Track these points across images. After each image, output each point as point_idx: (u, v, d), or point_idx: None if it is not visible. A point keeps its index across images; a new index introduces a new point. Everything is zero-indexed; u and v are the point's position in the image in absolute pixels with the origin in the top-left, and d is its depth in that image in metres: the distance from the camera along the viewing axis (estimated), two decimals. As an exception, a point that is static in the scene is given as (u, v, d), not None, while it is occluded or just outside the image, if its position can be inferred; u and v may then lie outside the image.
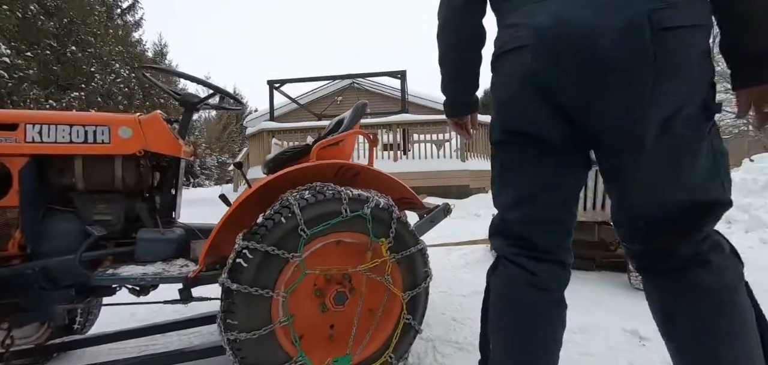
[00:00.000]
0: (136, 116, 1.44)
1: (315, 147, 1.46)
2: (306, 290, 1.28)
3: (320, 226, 1.18)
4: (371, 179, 1.54)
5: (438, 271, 2.78)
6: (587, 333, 1.70)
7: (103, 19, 12.82)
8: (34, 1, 10.48)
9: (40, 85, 10.62)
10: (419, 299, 1.38)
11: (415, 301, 1.37)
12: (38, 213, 1.33)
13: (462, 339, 1.69)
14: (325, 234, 1.21)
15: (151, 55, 20.72)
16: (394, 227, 1.28)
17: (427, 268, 1.40)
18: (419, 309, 1.39)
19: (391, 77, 9.63)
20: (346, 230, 1.24)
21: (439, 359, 1.55)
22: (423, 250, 1.38)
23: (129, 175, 1.45)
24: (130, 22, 18.14)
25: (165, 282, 1.30)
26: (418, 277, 1.37)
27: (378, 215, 1.26)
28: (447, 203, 1.83)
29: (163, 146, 1.47)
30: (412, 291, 1.35)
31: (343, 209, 1.20)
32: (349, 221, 1.22)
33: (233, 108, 1.99)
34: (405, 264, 1.34)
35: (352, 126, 1.64)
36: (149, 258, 1.38)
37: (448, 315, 1.95)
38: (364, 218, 1.23)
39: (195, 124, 29.15)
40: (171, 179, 1.65)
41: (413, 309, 1.37)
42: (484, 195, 6.98)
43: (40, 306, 1.29)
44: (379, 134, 8.38)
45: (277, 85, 9.67)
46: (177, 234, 1.47)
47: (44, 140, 1.30)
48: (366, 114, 11.97)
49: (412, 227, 1.69)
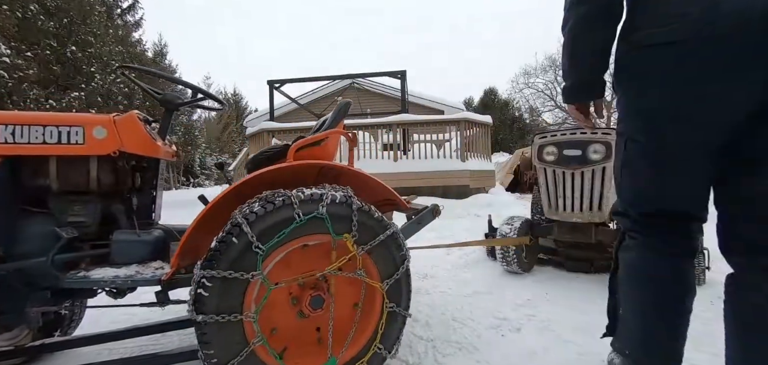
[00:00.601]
0: (111, 116, 1.41)
1: (291, 148, 1.43)
2: (282, 300, 1.26)
3: (274, 239, 1.13)
4: (352, 179, 1.50)
5: (438, 271, 2.79)
6: (587, 333, 1.70)
7: (103, 19, 12.82)
8: (34, 1, 10.47)
9: (40, 85, 10.61)
10: (400, 284, 1.34)
11: (395, 287, 1.33)
12: (12, 215, 1.31)
13: (462, 339, 1.69)
14: (284, 244, 1.16)
15: (151, 56, 20.70)
16: (356, 219, 1.23)
17: (402, 251, 1.35)
18: (403, 294, 1.36)
19: (391, 77, 9.62)
20: (307, 233, 1.19)
21: (439, 359, 1.55)
22: (394, 234, 1.33)
23: (104, 176, 1.43)
24: (130, 22, 18.14)
25: (137, 284, 1.28)
26: (395, 262, 1.33)
27: (336, 212, 1.21)
28: (436, 204, 1.81)
29: (139, 146, 1.44)
30: (389, 279, 1.31)
31: (295, 215, 1.15)
32: (306, 224, 1.17)
33: (215, 108, 1.97)
34: (377, 253, 1.29)
35: (335, 125, 1.61)
36: (125, 260, 1.36)
37: (448, 315, 1.95)
38: (322, 218, 1.18)
39: (195, 124, 29.13)
40: (150, 179, 1.63)
41: (395, 295, 1.34)
42: (484, 195, 6.97)
43: (16, 309, 1.28)
44: (378, 133, 8.38)
45: (277, 85, 9.67)
46: (154, 236, 1.44)
47: (17, 140, 1.28)
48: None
49: (400, 228, 1.63)
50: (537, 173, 2.54)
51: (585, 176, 2.31)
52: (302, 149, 1.46)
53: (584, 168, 2.30)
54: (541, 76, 28.54)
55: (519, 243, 2.55)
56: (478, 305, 2.08)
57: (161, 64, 23.15)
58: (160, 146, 1.54)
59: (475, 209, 6.02)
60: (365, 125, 7.89)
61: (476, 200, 6.62)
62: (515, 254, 2.55)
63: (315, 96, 14.93)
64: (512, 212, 5.38)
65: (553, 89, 28.34)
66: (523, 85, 29.11)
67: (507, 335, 1.75)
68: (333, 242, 1.23)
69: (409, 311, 1.39)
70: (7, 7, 9.53)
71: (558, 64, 27.32)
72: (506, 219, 2.75)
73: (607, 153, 2.24)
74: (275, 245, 1.14)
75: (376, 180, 1.52)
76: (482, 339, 1.69)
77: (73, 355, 1.61)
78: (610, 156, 2.20)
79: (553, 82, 28.19)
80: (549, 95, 28.61)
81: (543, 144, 2.48)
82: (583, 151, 2.30)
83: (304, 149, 1.46)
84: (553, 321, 1.84)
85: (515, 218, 2.72)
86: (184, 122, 25.76)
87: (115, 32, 13.67)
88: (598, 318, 1.86)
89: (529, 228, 2.67)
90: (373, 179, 1.52)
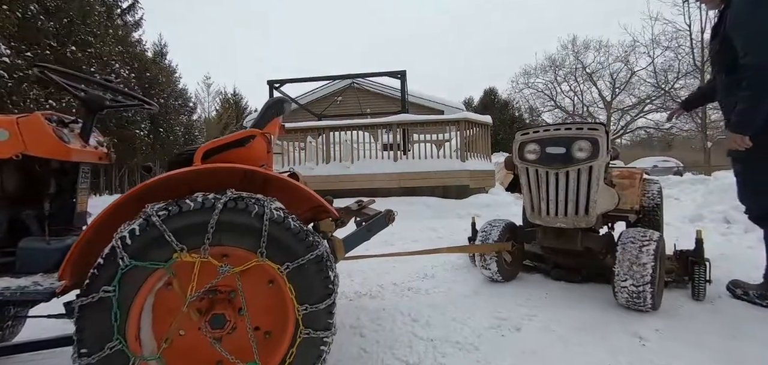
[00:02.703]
0: (14, 117, 1.33)
1: (199, 150, 1.30)
2: (190, 326, 1.18)
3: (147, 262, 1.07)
4: (277, 187, 1.38)
5: (438, 271, 2.79)
6: (587, 333, 1.71)
7: (103, 19, 12.82)
8: (34, 1, 10.48)
9: (40, 85, 10.61)
10: (320, 310, 1.19)
11: (314, 313, 1.19)
12: None
13: (462, 339, 1.69)
14: (152, 275, 1.08)
15: (150, 56, 20.70)
16: (266, 232, 1.12)
17: (328, 274, 1.20)
18: (321, 320, 1.20)
19: (391, 77, 9.63)
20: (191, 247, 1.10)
21: (439, 359, 1.55)
22: (319, 257, 1.18)
23: (8, 180, 1.35)
24: (130, 22, 18.15)
25: (28, 297, 1.19)
26: (317, 287, 1.19)
27: (235, 221, 1.11)
28: (390, 210, 1.72)
29: (45, 149, 1.33)
30: (309, 304, 1.18)
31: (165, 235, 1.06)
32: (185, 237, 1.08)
33: (141, 107, 1.85)
34: (296, 275, 1.16)
35: (263, 125, 1.48)
36: (30, 269, 1.27)
37: (448, 315, 1.96)
38: None
39: (195, 123, 29.16)
40: (69, 184, 1.53)
41: (313, 322, 1.19)
42: (484, 195, 6.98)
43: None
44: (378, 133, 8.38)
45: (277, 85, 9.67)
46: (66, 243, 1.32)
47: None
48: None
49: (349, 236, 1.58)
50: (519, 173, 2.32)
51: (570, 177, 2.06)
52: (216, 151, 1.33)
53: (569, 168, 2.04)
54: (541, 76, 28.58)
55: (498, 250, 2.37)
56: (478, 305, 2.08)
57: (161, 63, 23.16)
58: (72, 148, 1.42)
59: (474, 209, 6.03)
60: (365, 124, 7.90)
61: (476, 200, 6.62)
62: (493, 260, 2.37)
63: (315, 96, 14.94)
64: (512, 213, 5.38)
65: (552, 89, 28.38)
66: (523, 85, 29.14)
67: (507, 335, 1.75)
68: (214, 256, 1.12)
69: (332, 332, 1.23)
70: (7, 7, 9.53)
71: (558, 64, 27.38)
72: (486, 222, 2.60)
73: (594, 151, 1.98)
74: (144, 280, 1.08)
75: (302, 187, 1.37)
76: (482, 339, 1.70)
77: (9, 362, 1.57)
78: (597, 154, 1.97)
79: (553, 83, 28.23)
80: (549, 95, 28.64)
81: (524, 141, 2.23)
82: (567, 148, 2.04)
83: (220, 152, 1.33)
84: (553, 320, 1.84)
85: (497, 222, 2.57)
86: (183, 121, 25.79)
87: (115, 32, 13.67)
88: (599, 318, 1.87)
89: (511, 233, 2.51)
90: (303, 187, 1.36)
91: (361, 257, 1.96)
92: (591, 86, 26.86)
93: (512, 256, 2.51)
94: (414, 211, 6.08)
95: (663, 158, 21.07)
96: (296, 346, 1.18)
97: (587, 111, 26.78)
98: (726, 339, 1.62)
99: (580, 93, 27.57)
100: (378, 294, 2.34)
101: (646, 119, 24.95)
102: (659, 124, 24.30)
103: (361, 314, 2.00)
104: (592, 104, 27.04)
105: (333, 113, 13.31)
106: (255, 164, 1.38)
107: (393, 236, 4.19)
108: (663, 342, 1.61)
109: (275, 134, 1.58)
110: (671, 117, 2.95)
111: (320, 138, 7.66)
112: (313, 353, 1.20)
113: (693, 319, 1.82)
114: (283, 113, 1.59)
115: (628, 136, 27.36)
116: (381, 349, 1.63)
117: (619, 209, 2.32)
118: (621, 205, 2.34)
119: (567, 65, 27.26)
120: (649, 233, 1.98)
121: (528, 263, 2.70)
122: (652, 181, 2.83)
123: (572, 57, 26.83)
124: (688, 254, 2.13)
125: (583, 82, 27.21)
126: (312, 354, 1.20)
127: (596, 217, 2.06)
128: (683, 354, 1.51)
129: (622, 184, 2.43)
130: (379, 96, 14.73)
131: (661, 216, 2.72)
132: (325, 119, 11.04)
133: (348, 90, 14.74)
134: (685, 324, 1.77)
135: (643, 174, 2.43)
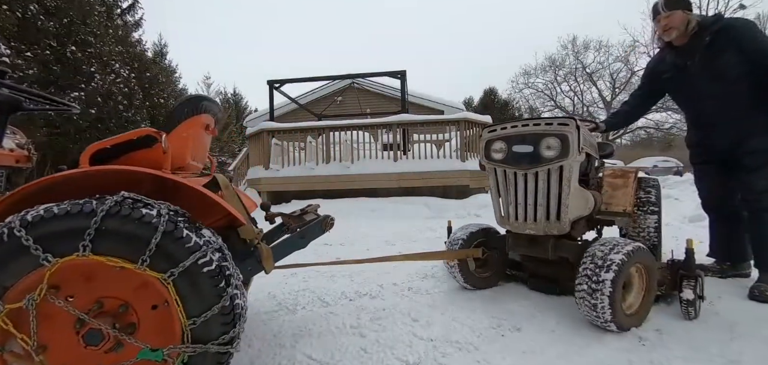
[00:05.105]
0: None
1: (86, 151, 1.20)
2: (65, 321, 1.07)
3: None
4: (184, 196, 1.27)
5: (438, 271, 2.79)
6: (587, 333, 1.71)
7: (103, 19, 12.80)
8: (34, 1, 10.47)
9: (40, 85, 10.60)
10: (214, 321, 1.10)
11: (208, 325, 1.10)
12: None
13: (462, 339, 1.69)
14: None
15: (151, 55, 20.68)
16: (156, 242, 1.03)
17: (219, 285, 1.10)
18: (214, 332, 1.11)
19: (391, 77, 9.63)
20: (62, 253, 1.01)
21: (439, 359, 1.55)
22: (207, 265, 1.09)
23: None
24: (130, 22, 18.12)
25: None
26: (209, 300, 1.09)
27: (118, 228, 1.02)
28: (327, 216, 1.63)
29: None
30: (198, 318, 1.08)
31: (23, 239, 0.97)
32: None
33: (63, 109, 1.79)
34: (185, 285, 1.07)
35: (173, 126, 1.38)
36: None
37: (448, 315, 1.96)
38: None
39: (195, 124, 29.05)
40: None
41: (206, 334, 1.10)
42: (484, 195, 6.98)
43: None
44: (378, 133, 8.38)
45: (277, 85, 9.67)
46: None
47: None
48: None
49: (279, 243, 1.53)
50: (487, 173, 2.13)
51: (539, 177, 1.86)
52: (111, 151, 1.23)
53: (538, 168, 1.85)
54: (541, 76, 28.59)
55: (467, 256, 2.21)
56: (478, 305, 2.08)
57: (161, 63, 23.12)
58: None
59: (474, 209, 6.03)
60: (365, 124, 7.90)
61: (476, 200, 6.63)
62: (458, 267, 2.23)
63: (315, 96, 14.96)
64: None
65: (552, 89, 28.38)
66: (522, 85, 29.16)
67: (507, 335, 1.75)
68: None
69: (234, 346, 1.14)
70: (7, 7, 9.52)
71: (558, 64, 27.40)
72: (459, 227, 2.43)
73: (563, 149, 1.78)
74: None
75: (212, 196, 1.24)
76: (482, 339, 1.70)
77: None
78: (568, 153, 1.78)
79: (553, 82, 28.23)
80: (549, 95, 28.64)
81: (491, 139, 2.04)
82: (535, 147, 1.85)
83: (120, 153, 1.24)
84: (553, 321, 1.84)
85: (470, 226, 2.37)
86: (184, 122, 25.70)
87: (115, 32, 13.65)
88: (598, 318, 1.87)
89: (484, 237, 2.31)
90: (212, 196, 1.25)
91: (299, 265, 1.85)
92: (591, 86, 26.91)
93: (488, 263, 2.32)
94: (414, 211, 6.09)
95: (663, 158, 21.06)
96: (184, 361, 1.09)
97: (587, 111, 26.79)
98: (726, 339, 1.62)
99: (580, 93, 27.61)
100: (378, 294, 2.34)
101: (646, 119, 24.97)
102: (659, 124, 24.32)
103: (361, 314, 2.00)
104: (592, 104, 27.08)
105: (333, 113, 13.32)
106: (167, 166, 1.29)
107: (394, 236, 4.20)
108: (663, 341, 1.61)
109: (198, 134, 1.46)
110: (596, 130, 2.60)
111: (320, 138, 7.67)
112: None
113: (693, 319, 1.82)
114: (202, 112, 1.48)
115: (628, 136, 27.40)
116: (381, 349, 1.63)
117: (609, 211, 2.15)
118: (612, 207, 2.15)
119: (567, 65, 27.31)
120: (619, 245, 1.70)
121: (508, 272, 2.46)
122: (650, 181, 2.66)
123: (572, 57, 26.88)
124: (678, 266, 1.87)
125: (583, 82, 27.25)
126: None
127: (569, 223, 1.88)
128: (683, 354, 1.52)
129: (615, 184, 2.23)
130: (379, 96, 14.74)
131: (659, 219, 2.61)
132: (325, 118, 11.05)
133: (348, 90, 14.76)
134: (685, 323, 1.77)
135: (638, 173, 2.29)
